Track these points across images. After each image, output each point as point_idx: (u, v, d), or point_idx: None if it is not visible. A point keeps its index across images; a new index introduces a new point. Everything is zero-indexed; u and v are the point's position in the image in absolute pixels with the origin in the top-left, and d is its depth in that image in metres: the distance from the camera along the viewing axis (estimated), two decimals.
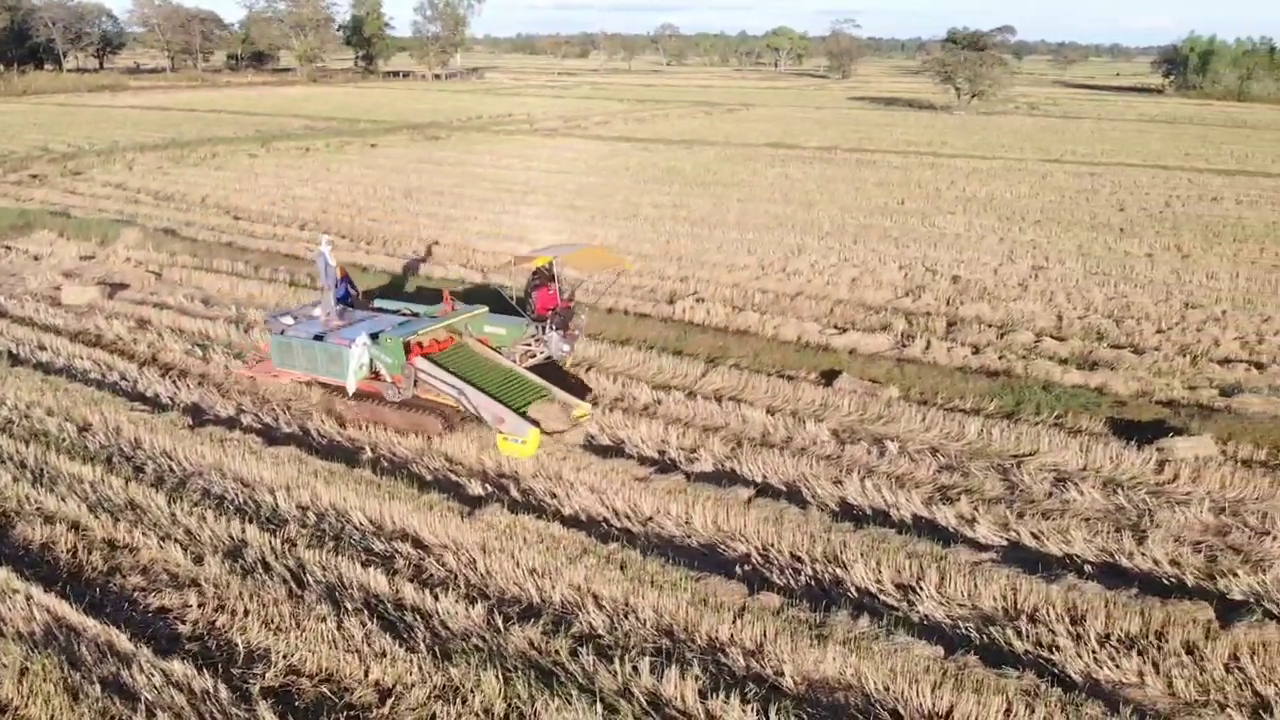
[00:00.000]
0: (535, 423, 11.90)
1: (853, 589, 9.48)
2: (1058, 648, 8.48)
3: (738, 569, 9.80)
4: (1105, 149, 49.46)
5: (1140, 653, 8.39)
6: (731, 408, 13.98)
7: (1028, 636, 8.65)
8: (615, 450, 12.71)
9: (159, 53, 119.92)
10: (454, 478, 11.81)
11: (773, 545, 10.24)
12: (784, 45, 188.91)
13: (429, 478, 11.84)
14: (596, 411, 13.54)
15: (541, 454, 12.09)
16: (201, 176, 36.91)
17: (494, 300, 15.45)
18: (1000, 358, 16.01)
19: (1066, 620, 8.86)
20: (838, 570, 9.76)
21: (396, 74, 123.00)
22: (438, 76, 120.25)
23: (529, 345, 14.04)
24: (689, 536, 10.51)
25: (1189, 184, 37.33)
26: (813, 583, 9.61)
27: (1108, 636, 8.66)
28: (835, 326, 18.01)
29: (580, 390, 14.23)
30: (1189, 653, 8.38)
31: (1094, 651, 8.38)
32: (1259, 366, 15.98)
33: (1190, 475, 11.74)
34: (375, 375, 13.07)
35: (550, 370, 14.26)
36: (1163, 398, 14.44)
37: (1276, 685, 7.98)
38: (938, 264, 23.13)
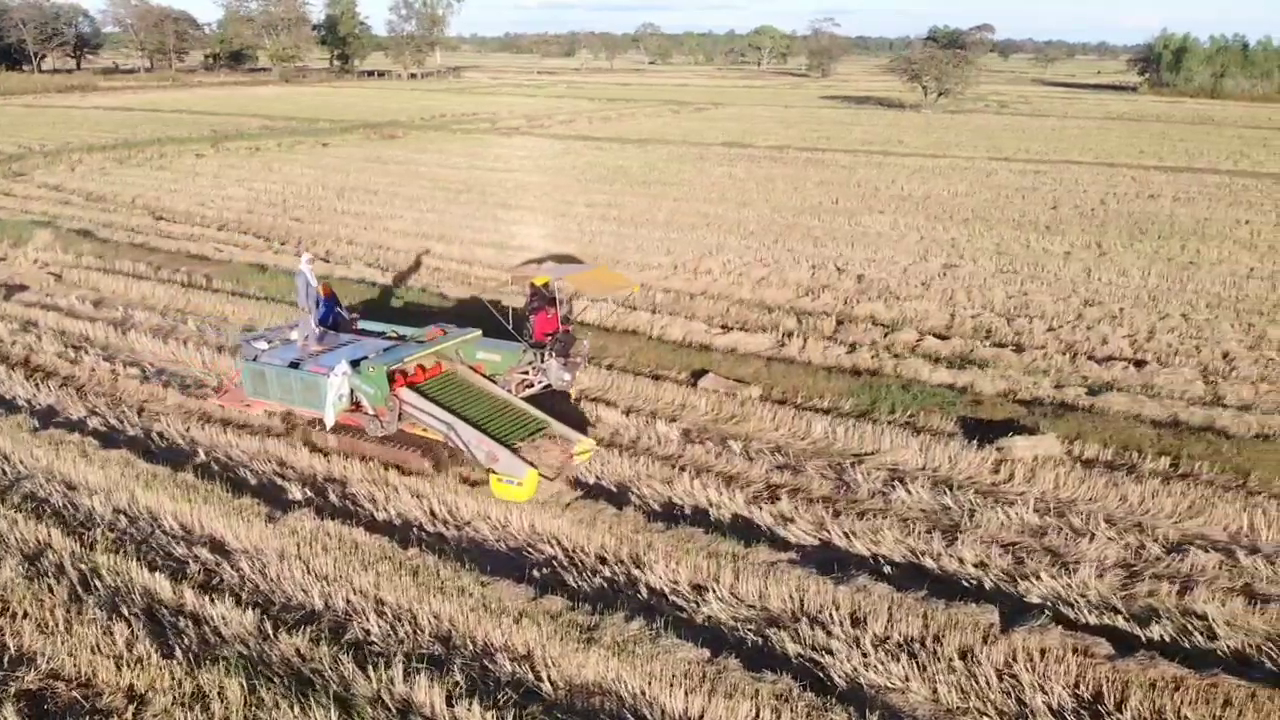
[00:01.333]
0: (532, 463, 10.79)
1: (645, 590, 9.35)
2: (830, 651, 8.35)
3: (535, 572, 9.65)
4: (1060, 147, 49.45)
5: (912, 656, 8.26)
6: (590, 408, 13.83)
7: (803, 639, 8.52)
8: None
9: (137, 53, 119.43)
10: (279, 481, 11.64)
11: (581, 547, 10.10)
12: (766, 44, 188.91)
13: (253, 482, 11.67)
14: None
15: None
16: (141, 177, 36.64)
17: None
18: (874, 357, 15.90)
19: (848, 622, 8.73)
20: (636, 571, 9.62)
21: (372, 73, 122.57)
22: (414, 76, 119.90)
23: (526, 373, 12.85)
24: (500, 540, 10.37)
25: (1132, 181, 37.32)
26: (607, 584, 9.47)
27: (885, 639, 8.54)
28: (722, 326, 17.87)
29: (579, 422, 13.02)
30: (962, 657, 8.25)
31: (865, 655, 8.26)
32: (1139, 365, 15.89)
33: (1025, 475, 11.63)
34: (356, 406, 11.87)
35: (545, 399, 13.16)
36: (1026, 396, 14.34)
37: (1045, 693, 7.86)
38: (849, 263, 23.02)
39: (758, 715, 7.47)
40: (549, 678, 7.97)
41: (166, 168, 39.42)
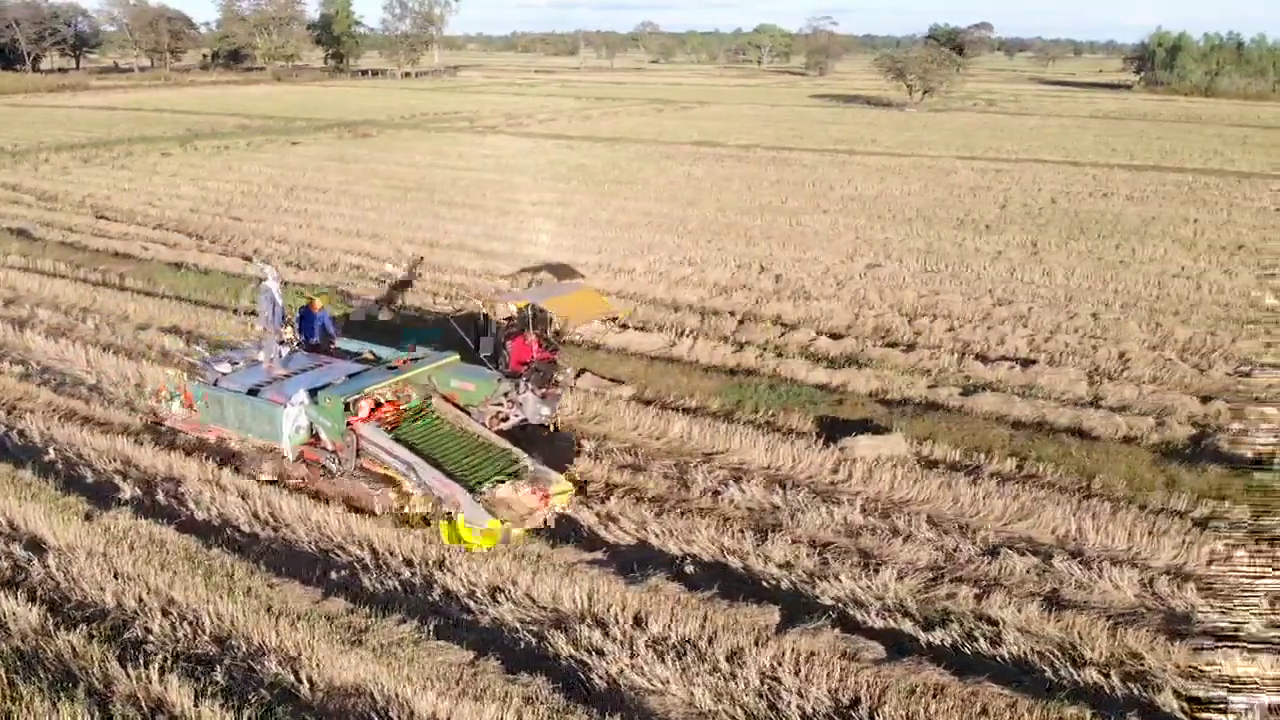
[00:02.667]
0: (495, 512, 9.81)
1: (439, 592, 9.29)
2: (601, 652, 8.28)
3: (334, 574, 9.61)
4: (1032, 146, 49.17)
5: (680, 657, 8.18)
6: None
7: (580, 640, 8.45)
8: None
9: (138, 52, 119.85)
10: (116, 480, 11.61)
11: (391, 549, 10.04)
12: (766, 42, 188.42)
13: (90, 480, 11.66)
14: None
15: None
16: (99, 177, 36.72)
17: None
18: (759, 357, 15.82)
19: (629, 623, 8.66)
20: (438, 573, 9.57)
21: (366, 72, 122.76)
22: (408, 75, 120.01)
23: (501, 405, 11.58)
24: (313, 542, 10.31)
25: (1092, 180, 37.06)
26: (403, 586, 9.42)
27: (661, 640, 8.46)
28: (620, 325, 17.79)
29: (563, 454, 11.91)
30: (730, 659, 8.17)
31: (634, 656, 8.19)
32: (1027, 365, 15.75)
33: (864, 475, 11.53)
34: (316, 439, 11.03)
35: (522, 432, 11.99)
36: (896, 396, 14.24)
37: (802, 697, 7.77)
38: (775, 263, 22.91)
39: (501, 718, 7.41)
40: (309, 679, 7.93)
41: (128, 167, 39.51)
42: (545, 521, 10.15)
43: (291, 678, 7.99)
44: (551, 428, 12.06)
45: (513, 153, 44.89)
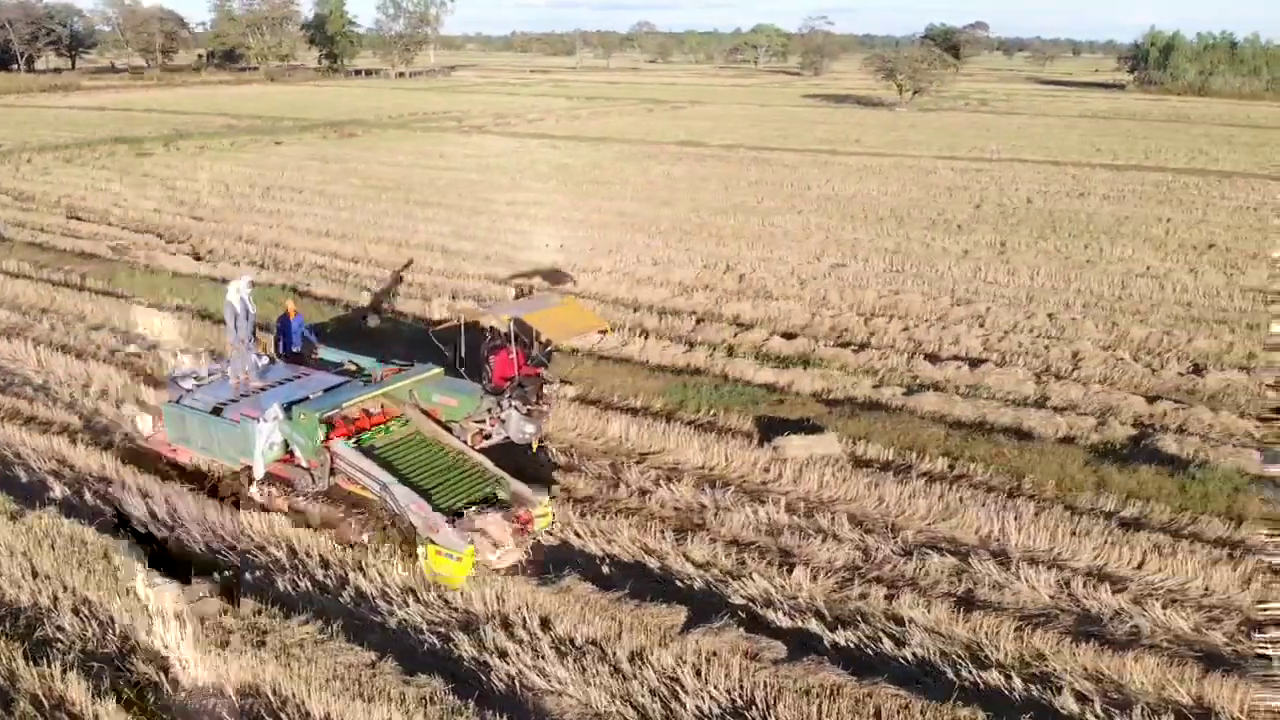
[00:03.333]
0: (473, 540, 9.21)
1: (351, 594, 9.29)
2: (504, 653, 8.28)
3: (249, 575, 9.59)
4: (1015, 145, 49.12)
5: (580, 658, 8.18)
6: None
7: (486, 642, 8.44)
8: None
9: (131, 52, 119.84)
10: (49, 480, 11.58)
11: (310, 550, 10.03)
12: (763, 42, 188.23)
13: (25, 479, 11.65)
14: None
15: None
16: (78, 177, 36.66)
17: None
18: (709, 357, 15.81)
19: (537, 624, 8.65)
20: (354, 575, 9.56)
21: (360, 72, 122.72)
22: (402, 74, 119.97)
23: (483, 423, 11.03)
24: (235, 541, 10.30)
25: (1071, 179, 37.04)
26: (315, 587, 9.41)
27: (566, 640, 8.46)
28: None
29: (543, 471, 11.51)
30: (632, 660, 8.17)
31: (538, 657, 8.19)
32: (976, 364, 15.75)
33: (794, 474, 11.52)
34: (290, 456, 10.48)
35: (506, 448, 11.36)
36: (839, 396, 14.23)
37: (698, 697, 7.76)
38: (741, 263, 22.89)
39: (391, 718, 7.40)
40: (191, 678, 7.93)
41: (108, 167, 39.48)
42: (526, 553, 9.72)
43: (185, 677, 7.99)
44: (534, 446, 11.52)
45: (496, 152, 44.87)
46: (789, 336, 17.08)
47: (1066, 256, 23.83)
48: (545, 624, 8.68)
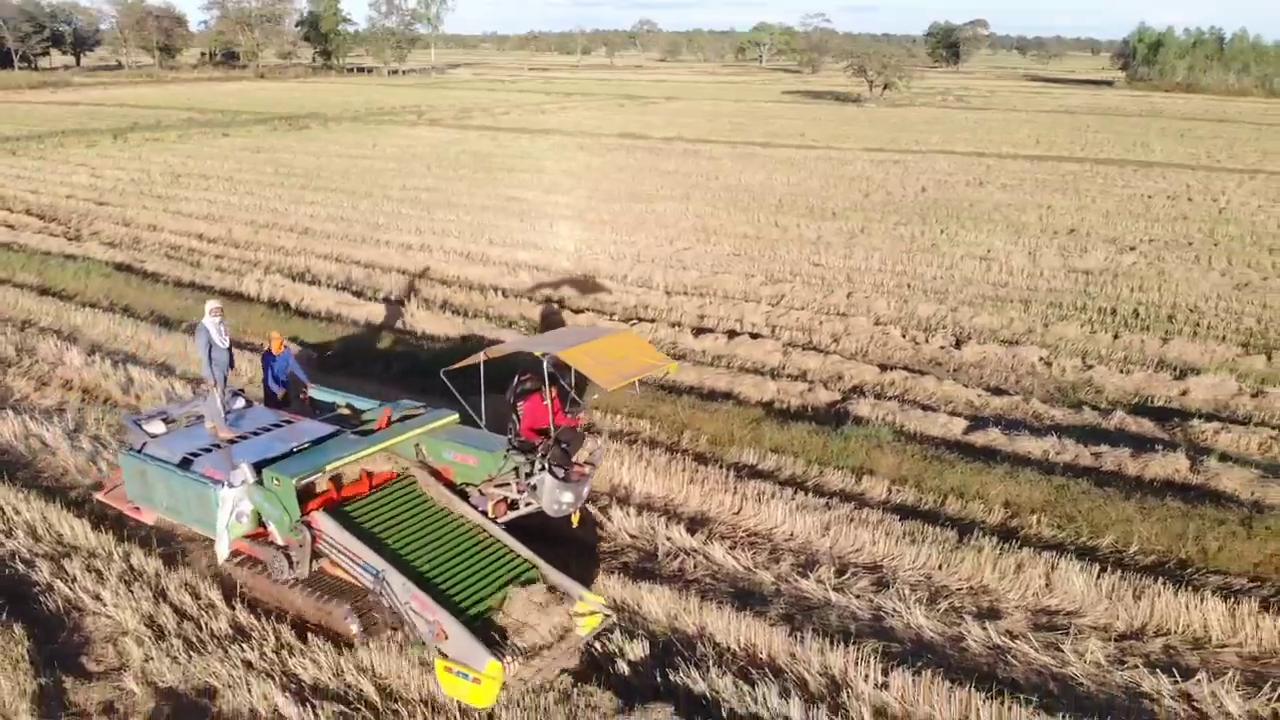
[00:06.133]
0: (496, 649, 7.02)
1: None
2: None
3: None
4: (956, 138, 49.40)
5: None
6: (144, 375, 14.29)
7: None
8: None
9: (127, 50, 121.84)
10: None
11: None
12: (767, 40, 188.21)
13: None
14: None
15: None
16: (9, 166, 37.58)
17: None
18: (464, 322, 16.44)
19: None
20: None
21: (354, 69, 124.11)
22: (395, 72, 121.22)
23: (508, 486, 8.72)
24: None
25: (985, 169, 37.25)
26: None
27: None
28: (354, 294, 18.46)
29: (585, 559, 9.30)
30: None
31: None
32: (732, 335, 16.20)
33: None
34: (263, 529, 8.35)
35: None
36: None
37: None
38: (593, 246, 23.32)
39: None
40: None
41: (44, 158, 40.42)
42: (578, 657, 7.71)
43: None
44: (575, 519, 9.08)
45: (429, 143, 45.56)
46: (578, 312, 17.58)
47: (914, 240, 24.13)
48: None
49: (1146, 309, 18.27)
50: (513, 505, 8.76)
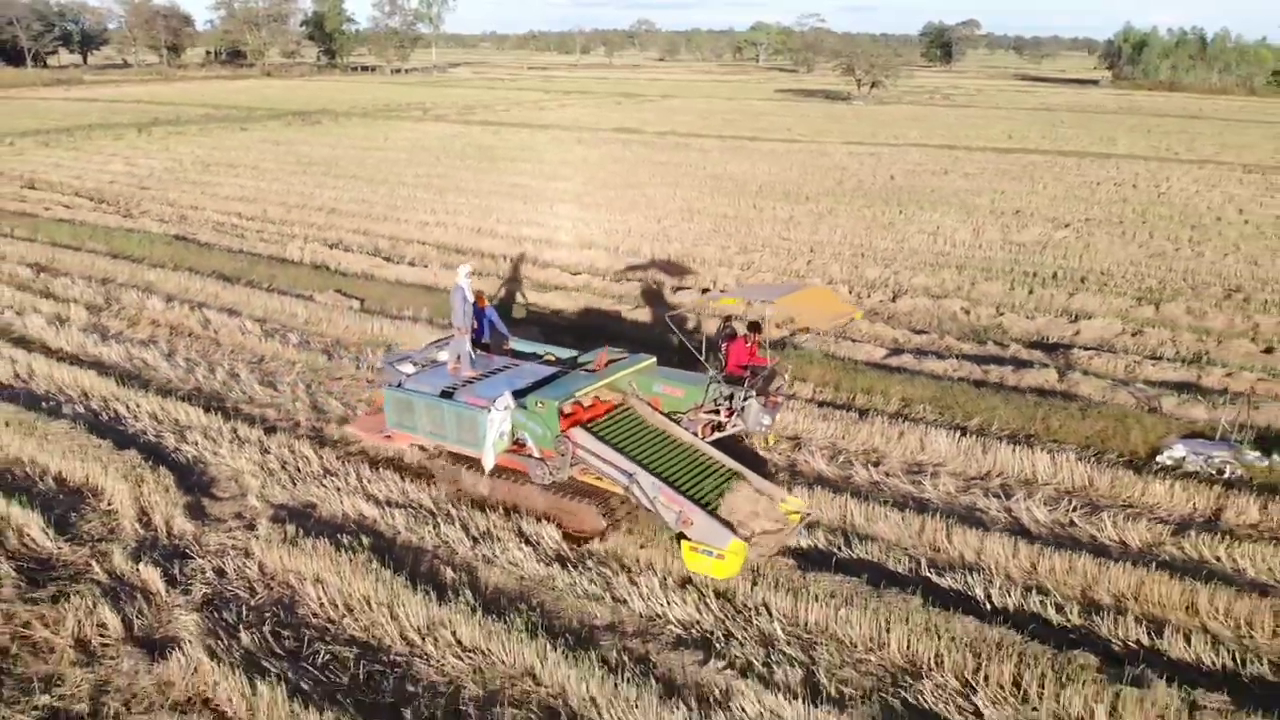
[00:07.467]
0: (735, 530, 8.64)
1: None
2: None
3: None
4: (932, 133, 52.30)
5: None
6: (217, 316, 17.19)
7: None
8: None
9: (145, 49, 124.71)
10: None
11: None
12: (763, 40, 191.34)
13: None
14: None
15: None
16: (49, 156, 40.41)
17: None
18: (499, 280, 19.42)
19: None
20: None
21: (358, 68, 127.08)
22: (398, 71, 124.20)
23: (716, 412, 10.50)
24: None
25: (952, 161, 40.19)
26: None
27: None
28: (385, 258, 21.42)
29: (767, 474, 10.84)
30: None
31: None
32: (704, 292, 19.12)
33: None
34: (518, 446, 10.00)
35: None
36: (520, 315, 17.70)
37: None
38: (586, 224, 26.24)
39: None
40: None
41: (79, 149, 43.41)
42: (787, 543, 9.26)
43: None
44: (770, 440, 11.49)
45: (436, 137, 48.52)
46: (575, 274, 20.60)
47: (874, 219, 27.09)
48: None
49: (1065, 273, 21.22)
50: (718, 428, 10.48)
